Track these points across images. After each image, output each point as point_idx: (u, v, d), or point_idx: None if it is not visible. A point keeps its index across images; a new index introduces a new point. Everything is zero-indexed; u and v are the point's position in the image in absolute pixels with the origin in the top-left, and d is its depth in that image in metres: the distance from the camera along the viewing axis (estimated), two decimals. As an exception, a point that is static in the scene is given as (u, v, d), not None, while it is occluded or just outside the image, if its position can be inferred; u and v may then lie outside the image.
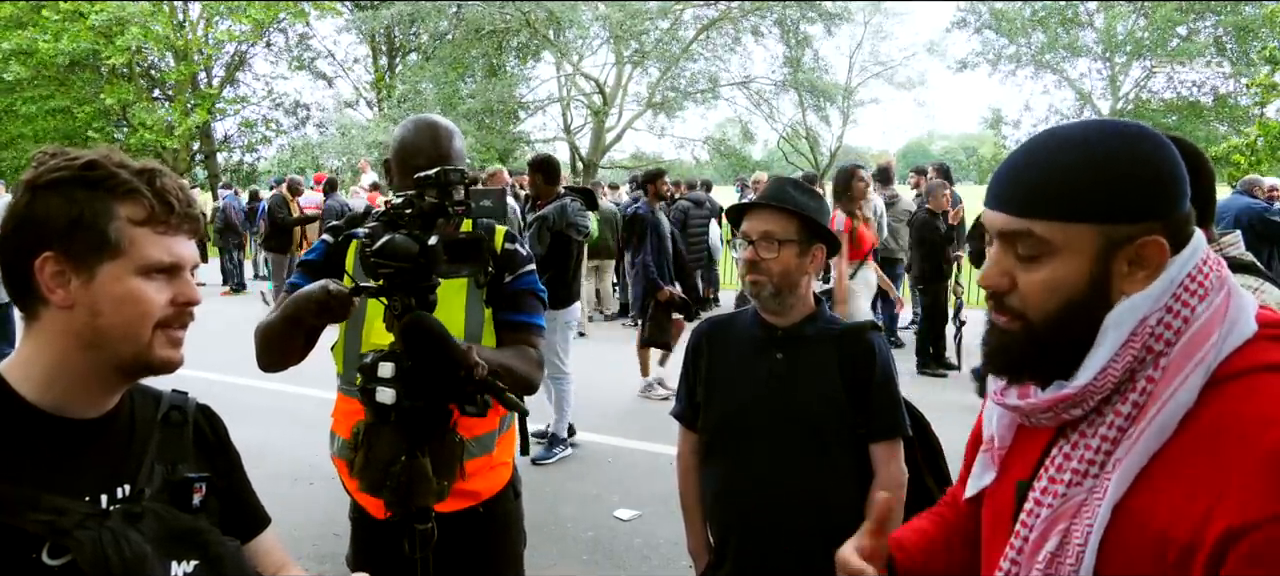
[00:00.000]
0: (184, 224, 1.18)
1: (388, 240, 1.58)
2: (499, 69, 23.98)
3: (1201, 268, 0.99)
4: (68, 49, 20.29)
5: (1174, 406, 0.95)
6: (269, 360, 2.02)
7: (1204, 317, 0.97)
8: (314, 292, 1.73)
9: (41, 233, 1.11)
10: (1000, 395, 1.10)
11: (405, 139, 2.07)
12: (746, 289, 2.10)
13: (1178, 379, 0.95)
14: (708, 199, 12.02)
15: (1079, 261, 0.99)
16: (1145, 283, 0.98)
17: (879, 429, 2.06)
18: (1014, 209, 1.02)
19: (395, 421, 1.59)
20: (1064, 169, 0.99)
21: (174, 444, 1.27)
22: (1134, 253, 0.98)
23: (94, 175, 1.13)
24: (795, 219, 2.03)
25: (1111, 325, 0.98)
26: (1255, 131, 14.91)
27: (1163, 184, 0.98)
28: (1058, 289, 1.00)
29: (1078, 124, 1.03)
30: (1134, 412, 0.97)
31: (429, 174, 1.62)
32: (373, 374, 1.58)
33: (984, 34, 26.85)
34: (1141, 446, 0.96)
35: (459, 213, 1.62)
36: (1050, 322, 1.02)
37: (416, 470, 1.62)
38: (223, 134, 25.68)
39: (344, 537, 2.22)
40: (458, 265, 1.63)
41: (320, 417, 7.63)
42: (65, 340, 1.14)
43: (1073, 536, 0.98)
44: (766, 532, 2.05)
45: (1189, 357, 0.95)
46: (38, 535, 1.07)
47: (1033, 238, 1.00)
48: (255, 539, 1.39)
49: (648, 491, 4.99)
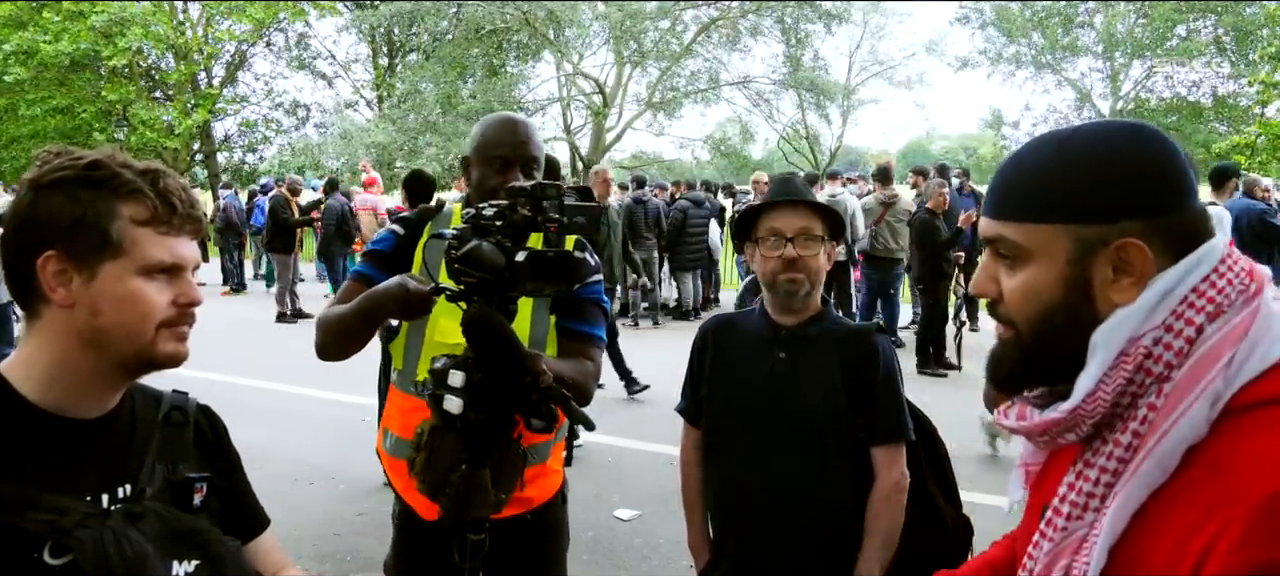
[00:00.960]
0: (186, 225, 1.19)
1: (474, 247, 1.54)
2: (499, 69, 23.98)
3: (1214, 281, 0.88)
4: (68, 49, 20.28)
5: (1175, 438, 0.86)
6: (334, 350, 1.99)
7: (1214, 339, 0.86)
8: (393, 289, 1.72)
9: (44, 231, 1.12)
10: (1004, 414, 1.04)
11: (485, 132, 2.06)
12: (779, 289, 2.04)
13: (1179, 408, 0.86)
14: (707, 199, 12.02)
15: (1051, 265, 0.93)
16: (1134, 291, 0.90)
17: (881, 432, 2.04)
18: (992, 211, 0.99)
19: (460, 430, 1.56)
20: (1034, 169, 0.96)
21: (175, 444, 1.27)
22: (1114, 257, 0.90)
23: (97, 175, 1.13)
24: (820, 216, 2.04)
25: (1099, 342, 0.90)
26: (1255, 131, 14.92)
27: (1143, 180, 0.90)
28: (1033, 295, 0.95)
29: (1074, 125, 0.99)
30: (1134, 442, 0.89)
31: (524, 186, 1.58)
32: (443, 380, 1.55)
33: (985, 31, 26.89)
34: (1139, 481, 0.87)
35: (552, 229, 1.56)
36: (1035, 332, 0.96)
37: (475, 481, 1.60)
38: (223, 134, 25.69)
39: (344, 537, 2.23)
40: (542, 283, 1.55)
41: (320, 417, 7.62)
42: (66, 339, 1.14)
43: (1073, 574, 0.92)
44: (764, 530, 2.05)
45: (1193, 384, 0.86)
46: (39, 534, 1.07)
47: (1006, 241, 0.97)
48: (255, 540, 1.39)
49: (648, 491, 4.99)
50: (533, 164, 2.05)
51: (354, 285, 2.05)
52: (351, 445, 5.83)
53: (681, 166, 26.26)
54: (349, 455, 5.67)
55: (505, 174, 2.00)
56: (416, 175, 6.11)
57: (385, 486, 5.17)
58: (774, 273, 2.02)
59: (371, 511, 4.81)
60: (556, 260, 1.55)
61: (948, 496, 2.19)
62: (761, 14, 23.78)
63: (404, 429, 2.02)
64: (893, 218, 8.98)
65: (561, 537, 2.22)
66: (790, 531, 2.02)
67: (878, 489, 2.03)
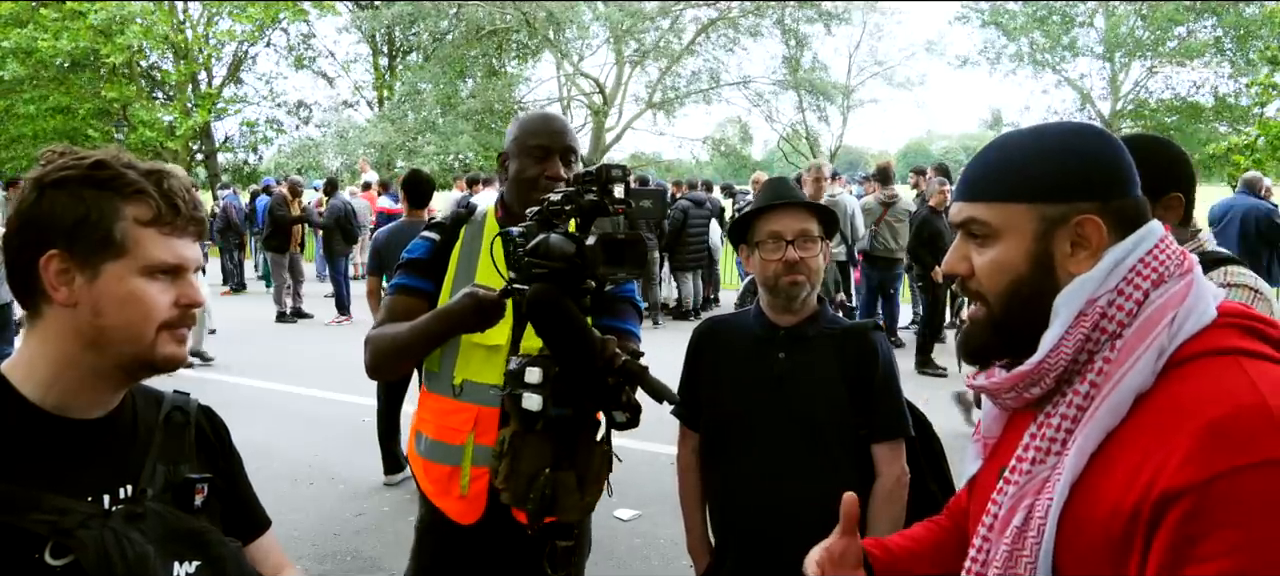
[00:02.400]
0: (189, 226, 1.18)
1: (542, 239, 1.52)
2: (499, 69, 23.98)
3: (1156, 254, 1.03)
4: (67, 48, 20.28)
5: (1126, 386, 0.98)
6: (388, 371, 1.98)
7: (1158, 303, 1.00)
8: (464, 303, 1.71)
9: (47, 231, 1.11)
10: (973, 379, 1.17)
11: (524, 124, 2.07)
12: (780, 291, 2.05)
13: (1130, 360, 0.99)
14: (708, 199, 12.02)
15: (1020, 241, 1.06)
16: (1089, 263, 1.03)
17: (881, 429, 2.05)
18: (965, 194, 1.12)
19: (542, 430, 1.53)
20: (1005, 157, 1.09)
21: (176, 444, 1.27)
22: (1072, 233, 1.04)
23: (102, 175, 1.13)
24: (817, 216, 2.05)
25: (1061, 304, 1.03)
26: (1255, 131, 14.91)
27: (1099, 168, 1.04)
28: (1004, 268, 1.07)
29: (1039, 123, 1.13)
30: (1091, 392, 1.01)
31: (589, 170, 1.55)
32: (520, 379, 1.51)
33: (985, 31, 26.89)
34: (1096, 425, 0.99)
35: (619, 211, 1.55)
36: (1005, 303, 1.08)
37: (562, 484, 1.56)
38: (223, 134, 25.70)
39: (344, 537, 2.21)
40: (615, 268, 1.52)
41: (320, 417, 7.61)
42: (68, 339, 1.14)
43: (1035, 512, 1.02)
44: (767, 533, 2.04)
45: (1142, 339, 0.99)
46: (40, 535, 1.07)
47: (978, 221, 1.09)
48: (255, 541, 1.39)
49: (648, 491, 4.99)
50: (571, 154, 2.05)
51: (399, 299, 2.03)
52: (351, 445, 5.82)
53: (681, 166, 26.26)
54: (349, 455, 5.67)
55: (543, 163, 2.01)
56: (415, 176, 6.00)
57: (385, 486, 5.19)
58: (776, 275, 2.03)
59: (371, 511, 4.81)
60: (627, 243, 1.53)
61: (945, 492, 2.19)
62: (761, 14, 23.78)
63: (439, 431, 2.00)
64: (893, 217, 8.99)
65: (584, 541, 2.18)
66: (795, 532, 2.01)
67: (879, 486, 2.03)
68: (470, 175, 13.96)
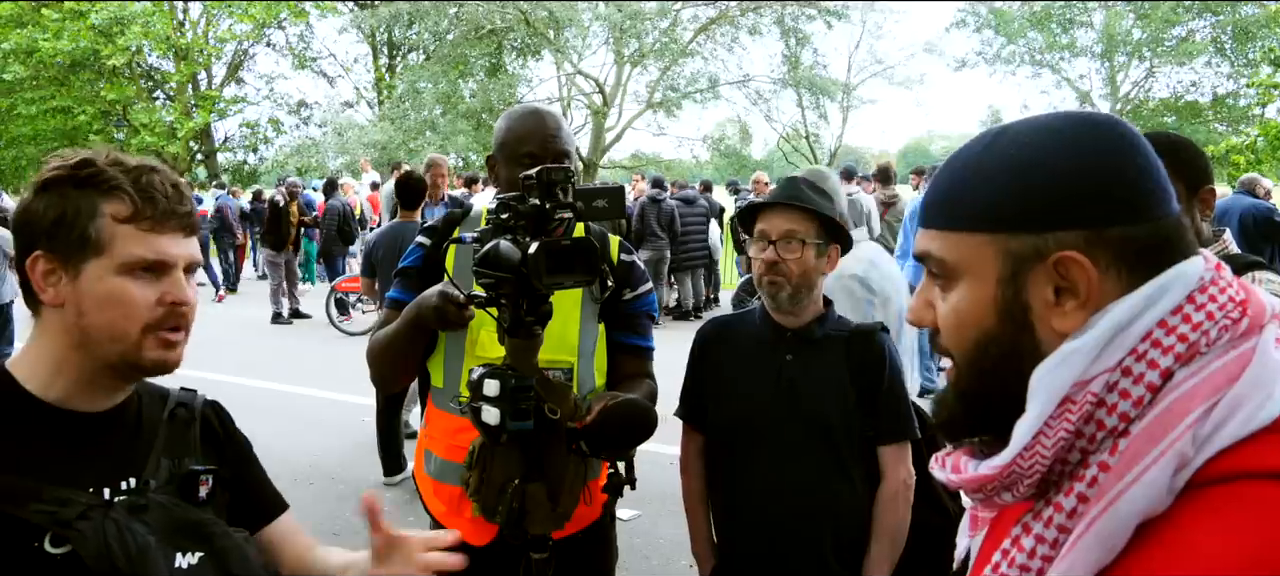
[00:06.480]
0: (171, 220, 1.16)
1: (491, 247, 1.45)
2: (499, 69, 23.98)
3: (1187, 314, 0.70)
4: (68, 48, 20.28)
5: (1125, 509, 0.67)
6: (389, 378, 1.93)
7: (1185, 388, 0.68)
8: (432, 298, 1.65)
9: (33, 232, 1.13)
10: (939, 464, 0.84)
11: (510, 126, 1.92)
12: (762, 290, 2.04)
13: (1134, 471, 0.67)
14: (700, 198, 11.99)
15: (981, 284, 0.76)
16: (1080, 317, 0.72)
17: (888, 431, 2.04)
18: (922, 220, 0.83)
19: (506, 443, 1.47)
20: (961, 166, 0.79)
21: (180, 439, 1.27)
22: (1053, 275, 0.72)
23: (83, 173, 1.13)
24: (814, 218, 2.01)
25: (1038, 382, 0.72)
26: (1255, 131, 14.91)
27: (1081, 181, 0.72)
28: (964, 320, 0.78)
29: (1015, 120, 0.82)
30: (1079, 508, 0.70)
31: (531, 173, 1.47)
32: (478, 391, 1.46)
33: (983, 33, 26.90)
34: (1076, 559, 0.69)
35: (564, 217, 1.45)
36: (972, 367, 0.78)
37: (530, 497, 1.51)
38: (223, 135, 25.69)
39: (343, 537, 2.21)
40: (560, 276, 1.43)
41: (320, 417, 7.61)
42: (61, 338, 1.15)
43: None
44: (774, 535, 2.02)
45: (1153, 443, 0.67)
46: (40, 526, 1.07)
47: (932, 256, 0.80)
48: (272, 523, 1.38)
49: (648, 491, 4.97)
50: (564, 158, 1.87)
51: (392, 315, 1.95)
52: (351, 445, 5.83)
53: (681, 166, 26.25)
54: (349, 455, 5.67)
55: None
56: (407, 178, 5.88)
57: (385, 486, 5.18)
58: (758, 275, 2.03)
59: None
60: (573, 250, 1.43)
61: (951, 492, 2.19)
62: (761, 13, 23.78)
63: (449, 450, 1.92)
64: (893, 218, 8.98)
65: (611, 553, 2.11)
66: (803, 535, 2.01)
67: (885, 487, 2.03)
68: (469, 175, 13.95)
